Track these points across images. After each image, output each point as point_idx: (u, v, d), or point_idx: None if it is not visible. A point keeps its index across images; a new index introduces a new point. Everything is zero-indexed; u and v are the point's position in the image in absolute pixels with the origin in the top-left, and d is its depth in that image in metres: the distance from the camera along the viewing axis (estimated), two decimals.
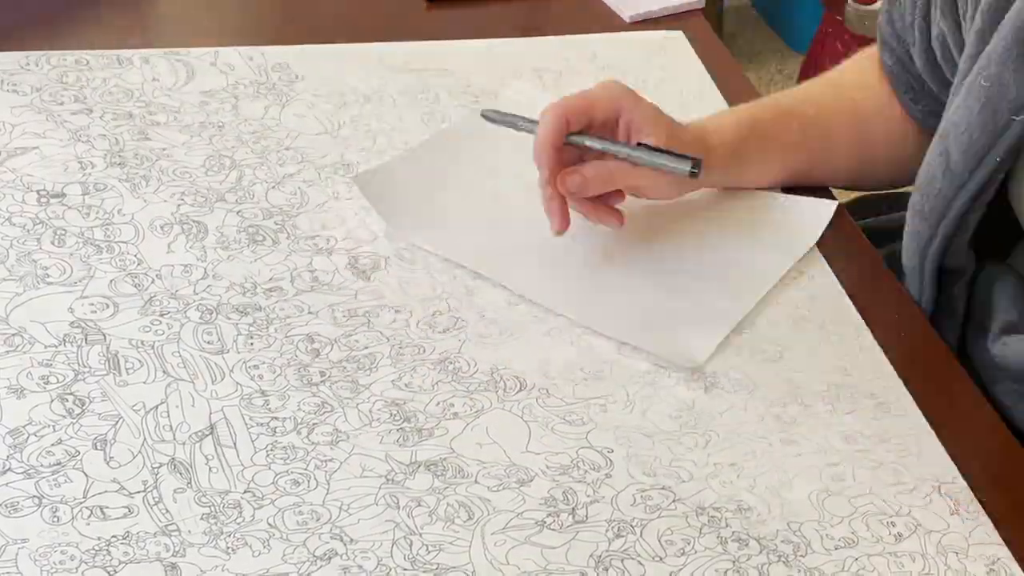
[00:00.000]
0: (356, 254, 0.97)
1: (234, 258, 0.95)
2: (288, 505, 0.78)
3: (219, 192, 1.01)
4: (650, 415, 0.86)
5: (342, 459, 0.81)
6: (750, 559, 0.77)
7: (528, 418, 0.85)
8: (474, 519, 0.78)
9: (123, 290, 0.91)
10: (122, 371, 0.85)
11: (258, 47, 1.19)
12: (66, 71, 1.13)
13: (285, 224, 0.99)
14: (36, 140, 1.04)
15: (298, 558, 0.75)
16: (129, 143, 1.05)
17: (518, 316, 0.93)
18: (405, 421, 0.84)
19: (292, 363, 0.87)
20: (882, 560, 0.78)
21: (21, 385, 0.83)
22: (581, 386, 0.88)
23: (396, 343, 0.89)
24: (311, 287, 0.93)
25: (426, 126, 1.11)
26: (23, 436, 0.80)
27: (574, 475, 0.81)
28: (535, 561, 0.76)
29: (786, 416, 0.87)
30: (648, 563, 0.76)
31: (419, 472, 0.80)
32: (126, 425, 0.81)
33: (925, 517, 0.81)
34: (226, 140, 1.07)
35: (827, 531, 0.79)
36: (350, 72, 1.17)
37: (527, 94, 1.13)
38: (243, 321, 0.90)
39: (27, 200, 0.98)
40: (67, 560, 0.73)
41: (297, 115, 1.11)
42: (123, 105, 1.09)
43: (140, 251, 0.95)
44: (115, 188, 1.00)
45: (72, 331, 0.87)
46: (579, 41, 1.24)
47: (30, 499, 0.76)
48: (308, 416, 0.83)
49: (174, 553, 0.74)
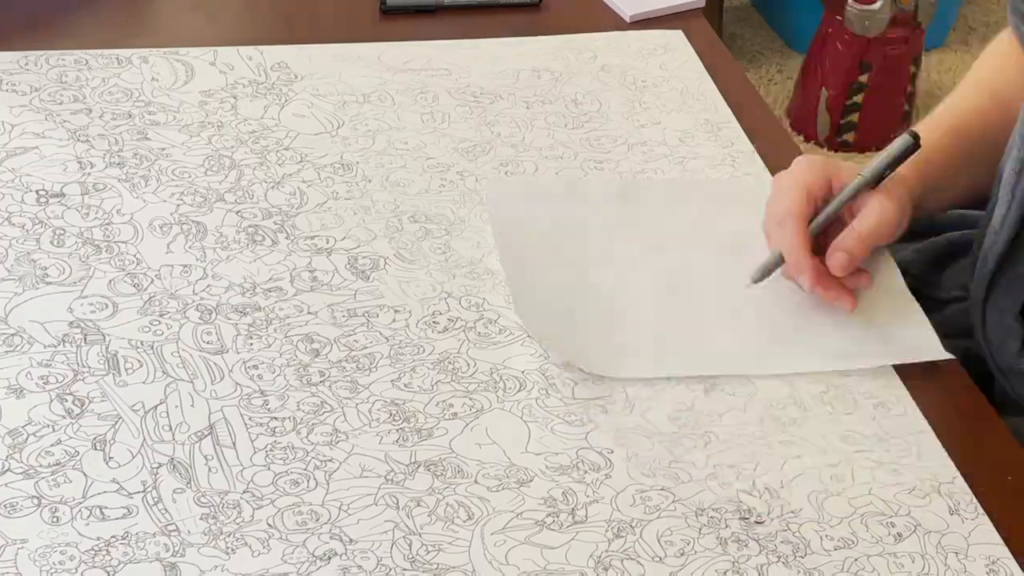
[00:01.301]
0: (355, 254, 0.97)
1: (233, 258, 0.95)
2: (287, 505, 0.78)
3: (218, 192, 1.01)
4: (650, 416, 0.86)
5: (341, 459, 0.81)
6: (749, 560, 0.77)
7: (528, 418, 0.85)
8: (473, 519, 0.78)
9: (122, 290, 0.91)
10: (121, 371, 0.85)
11: (257, 47, 1.19)
12: (65, 71, 1.13)
13: (284, 224, 0.99)
14: (35, 140, 1.04)
15: (297, 558, 0.75)
16: (128, 143, 1.05)
17: (517, 316, 0.92)
18: (404, 421, 0.84)
19: (291, 363, 0.87)
20: (882, 560, 0.78)
21: (20, 385, 0.83)
22: (581, 386, 0.88)
23: (395, 343, 0.89)
24: (310, 287, 0.93)
25: (425, 125, 1.11)
26: (22, 436, 0.80)
27: (574, 475, 0.81)
28: (535, 561, 0.76)
29: (785, 417, 0.87)
30: (648, 563, 0.76)
31: (419, 472, 0.80)
32: (125, 425, 0.81)
33: (924, 517, 0.81)
34: (225, 140, 1.07)
35: (826, 531, 0.79)
36: (349, 72, 1.17)
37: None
38: (242, 321, 0.90)
39: (26, 200, 0.98)
40: (66, 560, 0.73)
41: (296, 115, 1.11)
42: (122, 105, 1.09)
43: (139, 251, 0.95)
44: (114, 188, 1.00)
45: (71, 331, 0.87)
46: (579, 41, 1.24)
47: (29, 499, 0.76)
48: (307, 416, 0.83)
49: (173, 553, 0.74)
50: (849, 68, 2.46)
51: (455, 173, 1.06)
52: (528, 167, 1.07)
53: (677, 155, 1.10)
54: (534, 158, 1.08)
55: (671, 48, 1.24)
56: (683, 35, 1.26)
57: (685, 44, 1.25)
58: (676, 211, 1.03)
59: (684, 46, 1.25)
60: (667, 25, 1.28)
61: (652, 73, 1.20)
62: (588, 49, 1.23)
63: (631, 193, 1.04)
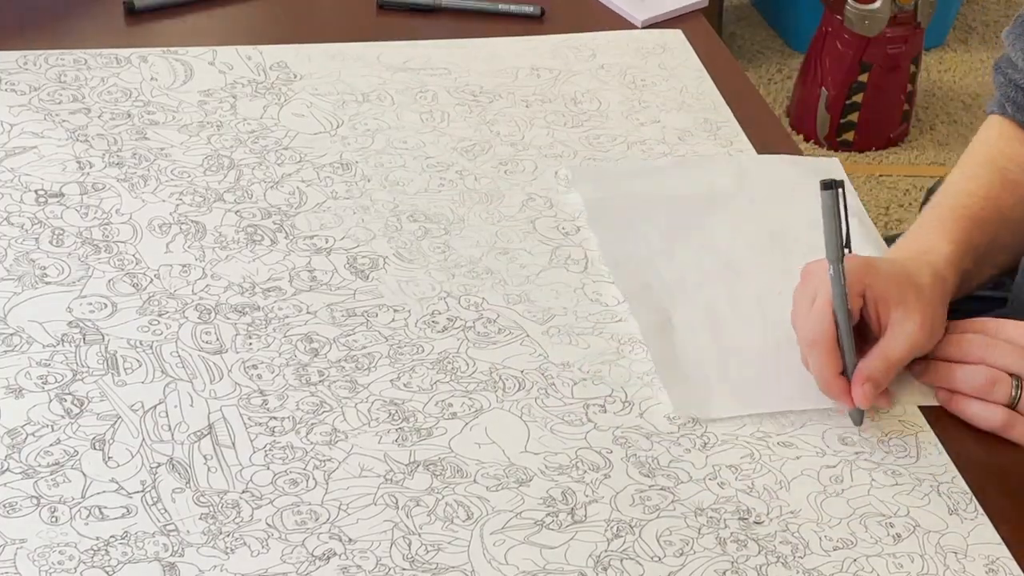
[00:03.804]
0: (354, 253, 0.97)
1: (232, 258, 0.95)
2: (287, 505, 0.78)
3: (217, 192, 1.01)
4: (649, 416, 0.86)
5: (341, 459, 0.81)
6: (748, 560, 0.77)
7: (527, 418, 0.85)
8: (473, 519, 0.78)
9: (121, 290, 0.91)
10: (120, 371, 0.85)
11: (256, 46, 1.19)
12: (64, 70, 1.13)
13: (283, 224, 0.99)
14: (34, 140, 1.04)
15: (297, 558, 0.75)
16: (127, 143, 1.05)
17: (517, 316, 0.92)
18: (404, 421, 0.84)
19: (291, 363, 0.87)
20: (881, 561, 0.78)
21: (19, 385, 0.83)
22: (580, 386, 0.88)
23: (395, 343, 0.89)
24: (309, 287, 0.93)
25: (424, 124, 1.11)
26: (21, 436, 0.80)
27: (573, 475, 0.81)
28: (534, 561, 0.76)
29: (784, 418, 0.87)
30: (647, 563, 0.76)
31: (418, 472, 0.80)
32: (124, 425, 0.81)
33: (923, 517, 0.81)
34: (224, 139, 1.07)
35: (825, 532, 0.79)
36: (349, 71, 1.17)
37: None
38: (241, 321, 0.90)
39: (25, 200, 0.98)
40: (65, 560, 0.73)
41: (295, 114, 1.11)
42: (121, 104, 1.09)
43: (138, 251, 0.95)
44: (113, 188, 1.00)
45: (70, 331, 0.87)
46: (578, 40, 1.24)
47: (28, 499, 0.76)
48: (307, 416, 0.83)
49: (173, 553, 0.74)
50: (849, 67, 2.46)
51: (454, 172, 1.06)
52: (527, 166, 1.07)
53: (676, 154, 1.10)
54: (533, 156, 1.08)
55: (670, 47, 1.24)
56: (682, 34, 1.26)
57: (684, 43, 1.25)
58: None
59: (683, 45, 1.25)
60: (666, 25, 1.28)
61: (651, 72, 1.20)
62: (587, 48, 1.23)
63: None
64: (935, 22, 2.57)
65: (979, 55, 2.81)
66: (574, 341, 0.91)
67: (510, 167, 1.07)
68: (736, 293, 0.96)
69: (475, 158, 1.08)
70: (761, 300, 0.95)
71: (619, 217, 1.02)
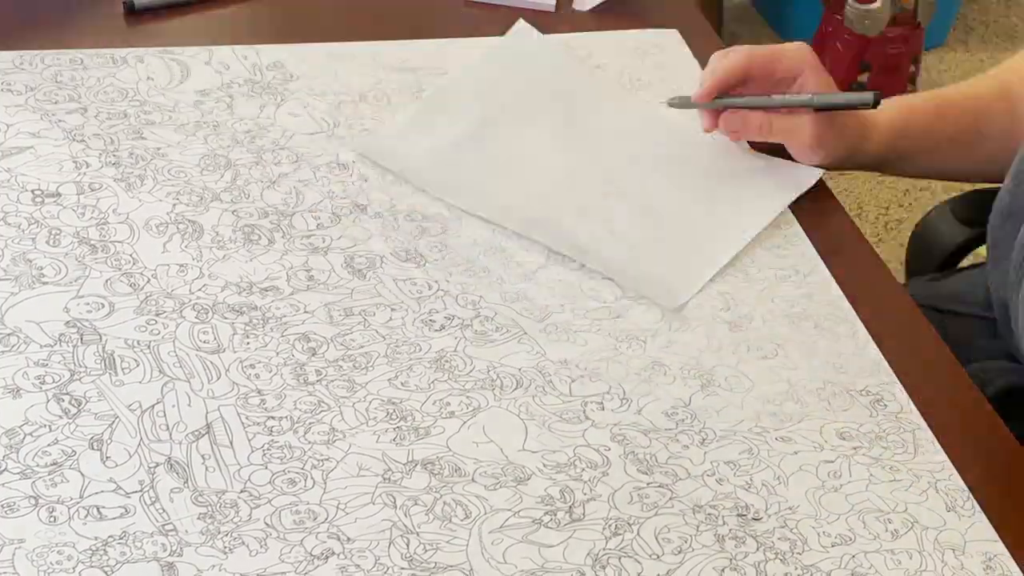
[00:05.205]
0: (352, 253, 0.97)
1: (229, 257, 0.95)
2: (285, 504, 0.77)
3: (214, 191, 1.01)
4: (646, 413, 0.86)
5: (339, 458, 0.81)
6: (747, 557, 0.77)
7: (525, 416, 0.85)
8: (471, 518, 0.78)
9: (118, 290, 0.91)
10: (118, 371, 0.85)
11: (253, 46, 1.19)
12: (60, 70, 1.13)
13: (280, 223, 0.99)
14: (31, 140, 1.04)
15: (295, 557, 0.74)
16: (124, 142, 1.05)
17: (514, 313, 0.93)
18: (401, 420, 0.84)
19: (288, 362, 0.87)
20: (879, 557, 0.78)
21: (17, 385, 0.83)
22: (578, 384, 0.88)
23: (392, 341, 0.89)
24: (307, 286, 0.93)
25: None
26: (19, 436, 0.80)
27: (571, 473, 0.81)
28: (532, 560, 0.76)
29: (782, 414, 0.87)
30: (645, 561, 0.76)
31: (416, 471, 0.80)
32: (122, 425, 0.81)
33: (921, 514, 0.81)
34: (221, 139, 1.07)
35: (824, 528, 0.79)
36: (345, 71, 1.17)
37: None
38: (239, 320, 0.90)
39: (22, 200, 0.98)
40: (64, 560, 0.73)
41: (292, 114, 1.11)
42: (118, 104, 1.09)
43: (135, 251, 0.95)
44: (110, 188, 1.00)
45: (68, 331, 0.87)
46: (575, 40, 1.24)
47: (26, 499, 0.76)
48: (304, 415, 0.83)
49: (171, 553, 0.74)
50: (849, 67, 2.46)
51: None
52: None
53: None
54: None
55: (666, 48, 1.24)
56: (678, 35, 1.26)
57: (681, 44, 1.25)
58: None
59: (679, 45, 1.25)
60: (658, 23, 1.28)
61: (647, 72, 1.20)
62: (584, 48, 1.23)
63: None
64: (935, 22, 2.57)
65: (979, 55, 2.81)
66: (571, 338, 0.91)
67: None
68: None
69: None
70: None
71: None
